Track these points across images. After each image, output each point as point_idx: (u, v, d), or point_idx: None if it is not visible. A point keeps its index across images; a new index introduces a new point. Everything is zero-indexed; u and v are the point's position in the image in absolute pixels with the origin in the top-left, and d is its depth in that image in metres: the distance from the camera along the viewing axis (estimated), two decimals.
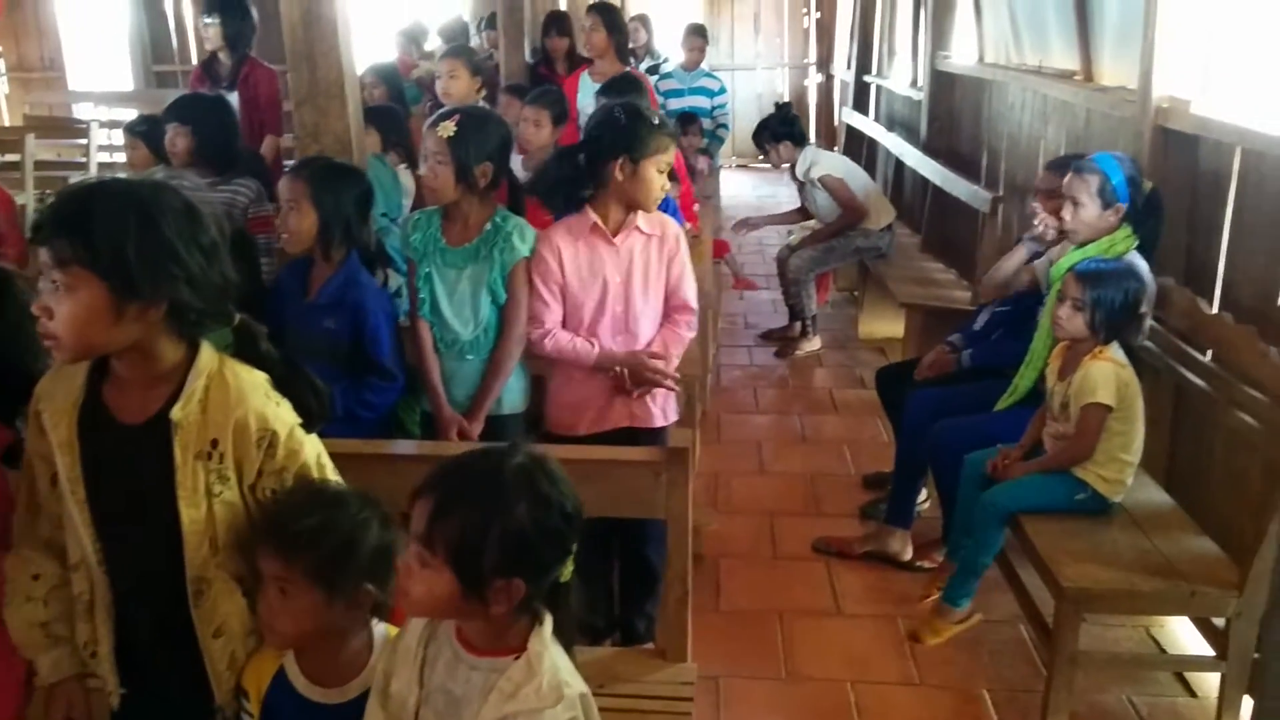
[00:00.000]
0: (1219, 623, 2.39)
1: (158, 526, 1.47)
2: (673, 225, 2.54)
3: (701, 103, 6.20)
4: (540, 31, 5.80)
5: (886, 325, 5.28)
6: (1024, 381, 2.97)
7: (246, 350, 1.52)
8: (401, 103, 4.35)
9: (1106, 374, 2.51)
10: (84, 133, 6.52)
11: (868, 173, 5.62)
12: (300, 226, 2.36)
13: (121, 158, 5.31)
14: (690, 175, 4.79)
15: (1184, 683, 2.62)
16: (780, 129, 5.18)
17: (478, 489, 1.30)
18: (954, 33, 5.82)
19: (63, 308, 1.35)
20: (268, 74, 4.44)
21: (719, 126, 6.32)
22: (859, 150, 7.46)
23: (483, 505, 1.28)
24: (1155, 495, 2.72)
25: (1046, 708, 2.40)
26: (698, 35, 6.56)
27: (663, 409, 2.56)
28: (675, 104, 6.18)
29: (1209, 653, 2.46)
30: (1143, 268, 2.71)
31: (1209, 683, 2.53)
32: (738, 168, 10.51)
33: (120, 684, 1.57)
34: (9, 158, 6.11)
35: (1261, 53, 2.86)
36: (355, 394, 2.36)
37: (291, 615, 1.48)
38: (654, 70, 6.91)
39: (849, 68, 8.57)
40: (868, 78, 8.10)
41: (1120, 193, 2.76)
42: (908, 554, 3.18)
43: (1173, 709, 2.55)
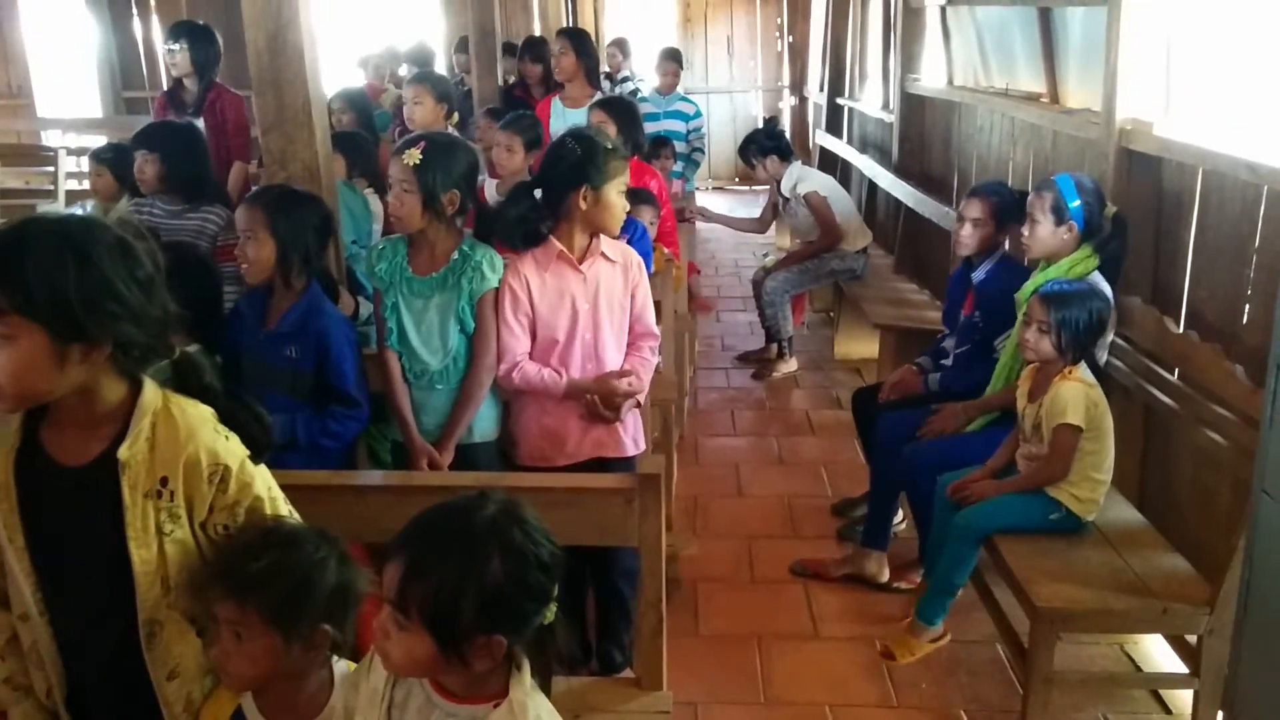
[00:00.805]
0: (1192, 639, 2.40)
1: (105, 570, 1.42)
2: (635, 254, 2.57)
3: (677, 127, 6.23)
4: (516, 56, 5.83)
5: (862, 346, 5.30)
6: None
7: (189, 383, 1.48)
8: (370, 129, 4.34)
9: (1076, 394, 2.53)
10: (52, 160, 6.46)
11: None
12: (259, 255, 2.34)
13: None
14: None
15: (1159, 700, 2.62)
16: (767, 144, 5.22)
17: (448, 549, 1.26)
18: (923, 56, 5.89)
19: (1, 358, 1.29)
20: (235, 100, 4.42)
21: (694, 150, 6.35)
22: (832, 172, 7.49)
23: (454, 566, 1.24)
24: (1127, 513, 2.73)
25: None
26: (672, 60, 6.61)
27: (633, 437, 2.56)
28: (650, 128, 6.17)
29: (1183, 670, 2.47)
30: (1104, 288, 2.74)
31: (1184, 699, 2.53)
32: (714, 190, 10.56)
33: None
34: None
35: (1222, 75, 2.91)
36: (319, 424, 2.33)
37: (248, 659, 1.44)
38: (630, 95, 6.94)
39: (822, 90, 8.66)
40: (840, 100, 8.18)
41: (1074, 211, 2.80)
42: (884, 575, 3.18)
43: None
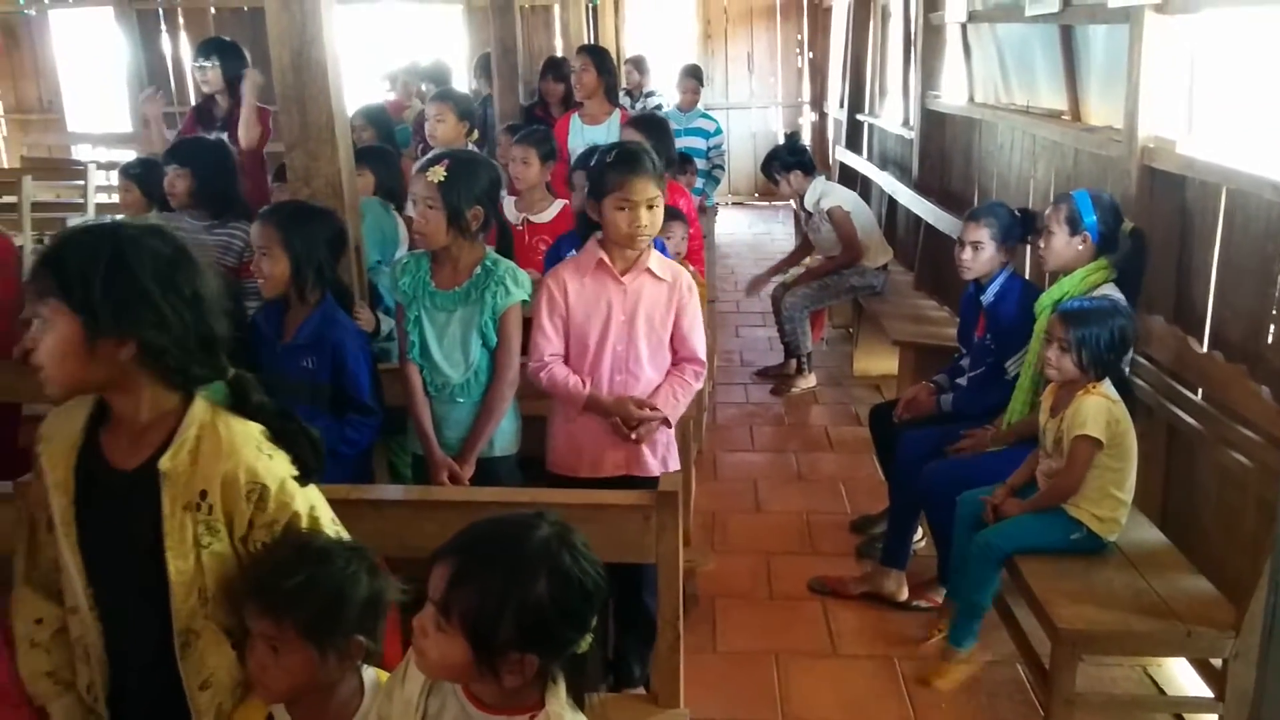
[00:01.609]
0: (1216, 663, 2.37)
1: (146, 575, 1.46)
2: (686, 275, 2.53)
3: (697, 144, 6.24)
4: (537, 76, 5.87)
5: (881, 362, 5.28)
6: (1013, 416, 2.99)
7: (240, 403, 1.52)
8: (391, 145, 4.39)
9: (1097, 408, 2.51)
10: (82, 174, 6.56)
11: None
12: (274, 271, 2.38)
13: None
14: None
15: None
16: (790, 159, 5.22)
17: (498, 560, 1.28)
18: (944, 72, 5.88)
19: (44, 341, 1.39)
20: (262, 113, 4.47)
21: (715, 167, 6.37)
22: (852, 188, 7.50)
23: (502, 578, 1.26)
24: (1150, 534, 2.70)
25: None
26: (692, 77, 6.63)
27: (662, 459, 2.54)
28: None
29: (1207, 694, 2.44)
30: (1122, 302, 2.73)
31: None
32: (733, 205, 10.58)
33: None
34: (7, 199, 6.15)
35: (1246, 93, 2.90)
36: (337, 431, 2.36)
37: (284, 672, 1.47)
38: (655, 109, 6.97)
39: (841, 106, 8.66)
40: (860, 116, 8.18)
41: (1088, 223, 2.79)
42: (903, 594, 3.16)
43: None
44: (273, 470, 1.49)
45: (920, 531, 3.34)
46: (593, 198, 2.43)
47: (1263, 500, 2.39)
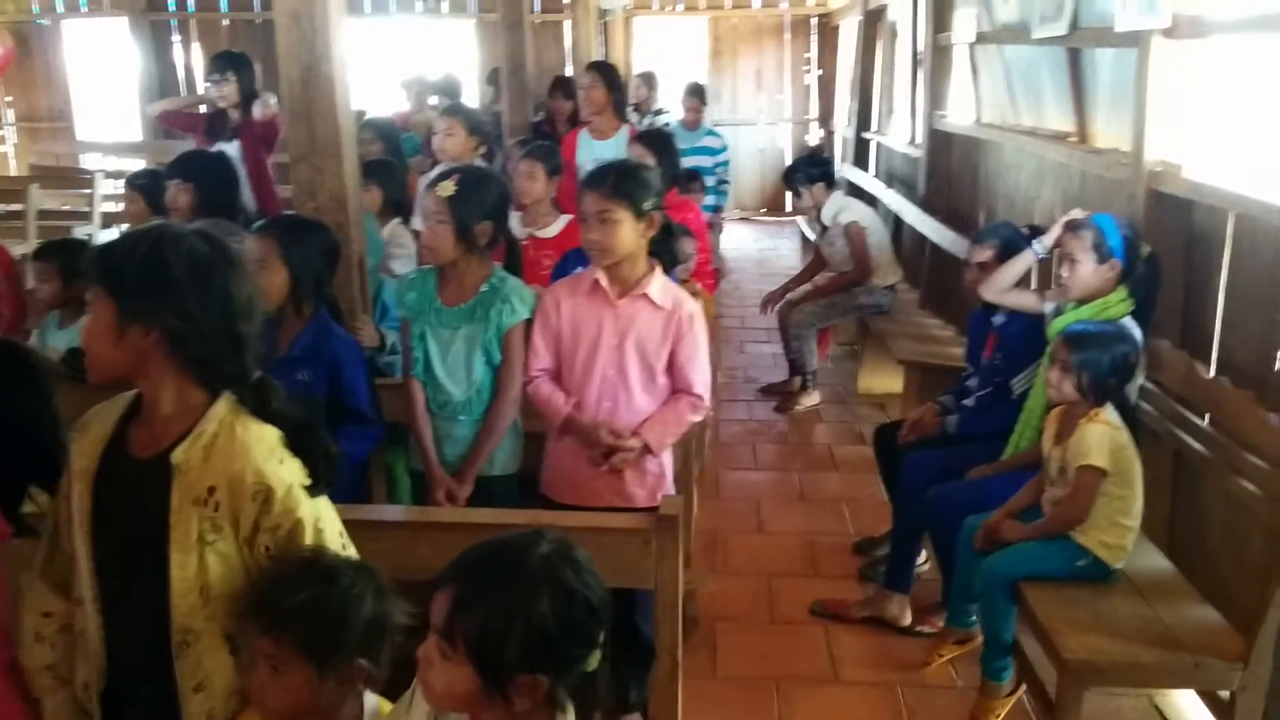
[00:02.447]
0: (1224, 694, 2.33)
1: (150, 568, 1.47)
2: (689, 303, 2.44)
3: (704, 162, 6.25)
4: (546, 93, 5.89)
5: (886, 381, 5.26)
6: (1023, 441, 2.95)
7: (262, 407, 1.54)
8: (400, 158, 4.40)
9: (1100, 437, 2.48)
10: (89, 183, 6.58)
11: None
12: (271, 284, 2.36)
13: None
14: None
15: None
16: (813, 171, 5.23)
17: (500, 581, 1.27)
18: (951, 92, 5.89)
19: (87, 323, 1.51)
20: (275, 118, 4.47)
21: (721, 183, 6.38)
22: None
23: (504, 599, 1.25)
24: (1157, 561, 2.67)
25: None
26: (695, 96, 6.64)
27: (651, 490, 2.45)
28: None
29: None
30: (1135, 332, 2.70)
31: None
32: (740, 220, 10.58)
33: None
34: (14, 207, 6.17)
35: (1253, 119, 2.88)
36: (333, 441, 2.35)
37: (283, 691, 1.45)
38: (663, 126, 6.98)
39: (849, 124, 8.67)
40: (867, 134, 8.18)
41: (1115, 248, 2.76)
42: (907, 619, 3.13)
43: None
44: (281, 475, 1.50)
45: (924, 555, 3.31)
46: None
47: (1271, 529, 2.36)
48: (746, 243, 9.58)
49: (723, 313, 6.32)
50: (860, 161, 8.20)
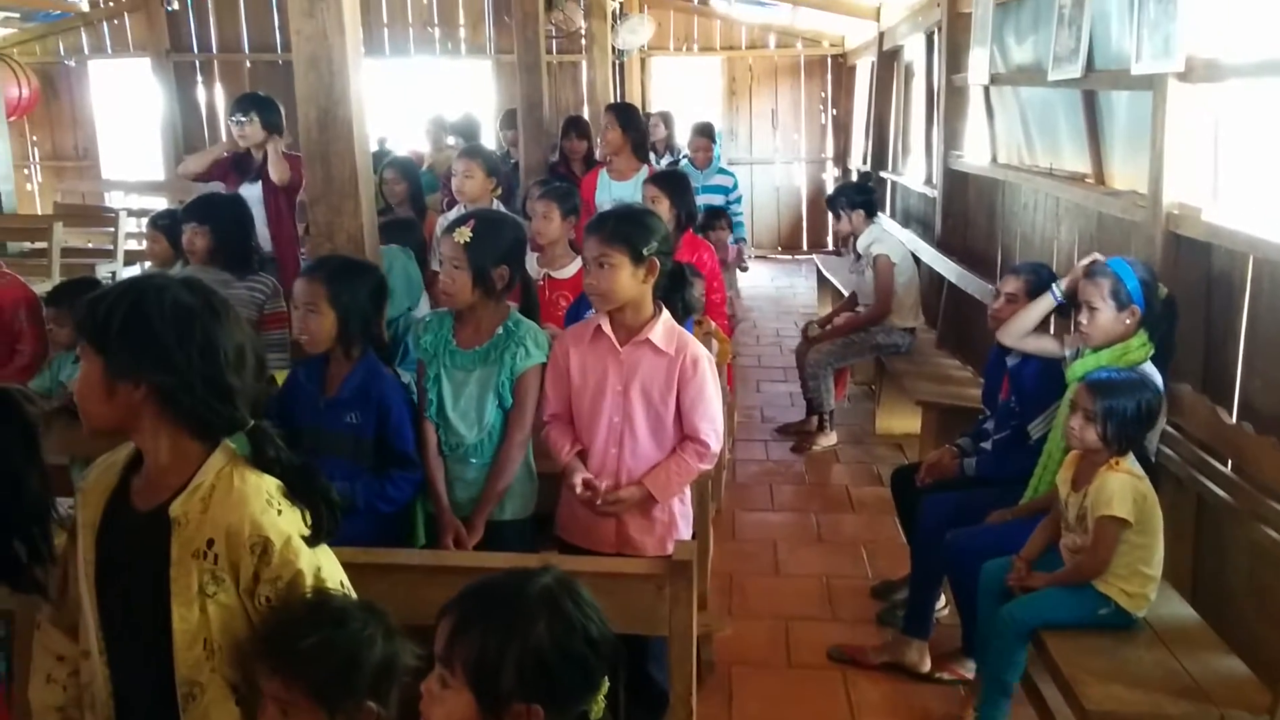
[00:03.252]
0: None
1: (153, 621, 1.46)
2: (694, 347, 2.40)
3: (715, 200, 6.28)
4: (560, 133, 5.95)
5: (904, 421, 5.22)
6: (1042, 485, 2.92)
7: (257, 455, 1.53)
8: (419, 199, 4.44)
9: (1123, 487, 2.45)
10: (113, 221, 6.67)
11: None
12: (320, 328, 2.37)
13: None
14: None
15: None
16: (857, 198, 5.27)
17: (499, 606, 1.30)
18: (966, 133, 5.90)
19: (78, 378, 1.49)
20: (294, 159, 4.52)
21: (733, 223, 6.40)
22: None
23: (502, 622, 1.27)
24: (1180, 610, 2.62)
25: None
26: (703, 135, 6.67)
27: (660, 539, 2.43)
28: None
29: None
30: (1156, 379, 2.67)
31: None
32: (756, 258, 10.60)
33: None
34: (39, 245, 6.25)
35: (1272, 162, 2.87)
36: (378, 487, 2.36)
37: None
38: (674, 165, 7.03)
39: (865, 163, 8.70)
40: (883, 174, 8.20)
41: (1133, 294, 2.74)
42: (926, 665, 3.07)
43: None
44: (279, 526, 1.48)
45: (943, 599, 3.26)
46: None
47: None
48: (763, 281, 9.60)
49: (739, 352, 6.31)
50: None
